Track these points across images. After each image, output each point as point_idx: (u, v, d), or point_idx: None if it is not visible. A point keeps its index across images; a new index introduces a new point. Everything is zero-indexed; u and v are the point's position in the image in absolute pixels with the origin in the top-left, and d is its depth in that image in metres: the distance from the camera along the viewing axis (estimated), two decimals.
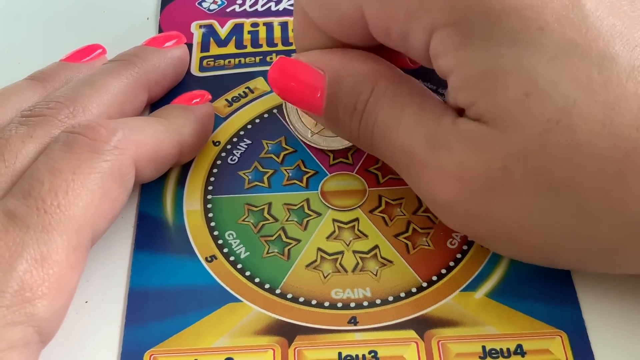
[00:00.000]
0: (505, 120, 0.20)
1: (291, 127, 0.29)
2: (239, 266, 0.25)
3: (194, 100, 0.29)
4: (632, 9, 0.21)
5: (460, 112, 0.22)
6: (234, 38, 0.33)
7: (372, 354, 0.23)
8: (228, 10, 0.34)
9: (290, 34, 0.33)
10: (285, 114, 0.29)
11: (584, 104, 0.20)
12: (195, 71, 0.32)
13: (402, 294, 0.24)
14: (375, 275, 0.25)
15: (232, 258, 0.26)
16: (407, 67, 0.28)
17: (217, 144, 0.29)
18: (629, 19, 0.21)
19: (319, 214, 0.27)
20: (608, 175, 0.20)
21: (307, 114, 0.27)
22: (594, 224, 0.21)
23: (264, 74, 0.31)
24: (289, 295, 0.25)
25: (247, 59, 0.32)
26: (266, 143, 0.29)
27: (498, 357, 0.23)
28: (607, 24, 0.20)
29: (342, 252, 0.26)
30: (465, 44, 0.21)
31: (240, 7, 0.34)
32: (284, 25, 0.33)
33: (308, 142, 0.28)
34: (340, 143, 0.28)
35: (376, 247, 0.26)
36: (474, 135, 0.21)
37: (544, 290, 0.24)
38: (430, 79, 0.28)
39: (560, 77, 0.20)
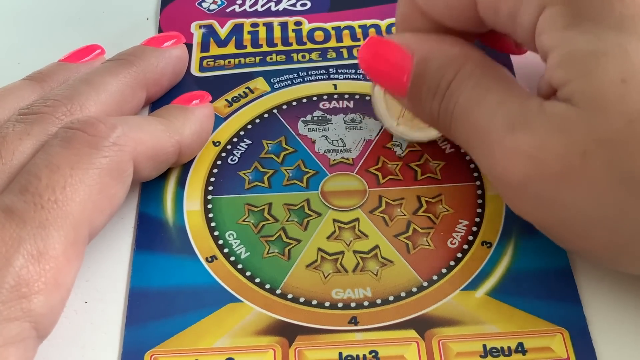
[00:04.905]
0: (597, 103, 0.20)
1: (377, 115, 0.29)
2: (240, 266, 0.25)
3: (194, 101, 0.29)
4: None
5: (550, 95, 0.22)
6: (233, 38, 0.33)
7: (373, 354, 0.23)
8: (228, 10, 0.34)
9: (290, 34, 0.33)
10: (372, 103, 0.29)
11: None
12: (195, 71, 0.32)
13: (403, 294, 0.24)
14: (376, 275, 0.25)
15: (232, 258, 0.26)
16: (512, 53, 0.29)
17: (217, 144, 0.29)
18: None
19: (319, 214, 0.27)
20: None
21: (391, 96, 0.27)
22: None
23: (264, 74, 0.31)
24: (290, 296, 0.25)
25: (247, 59, 0.32)
26: (266, 143, 0.29)
27: (499, 355, 0.23)
28: None
29: (342, 252, 0.26)
30: (573, 23, 0.21)
31: (240, 8, 0.34)
32: (283, 26, 0.33)
33: (393, 132, 0.28)
34: (424, 135, 0.28)
35: (376, 247, 0.26)
36: (559, 117, 0.21)
37: (545, 287, 0.24)
38: None
39: None
